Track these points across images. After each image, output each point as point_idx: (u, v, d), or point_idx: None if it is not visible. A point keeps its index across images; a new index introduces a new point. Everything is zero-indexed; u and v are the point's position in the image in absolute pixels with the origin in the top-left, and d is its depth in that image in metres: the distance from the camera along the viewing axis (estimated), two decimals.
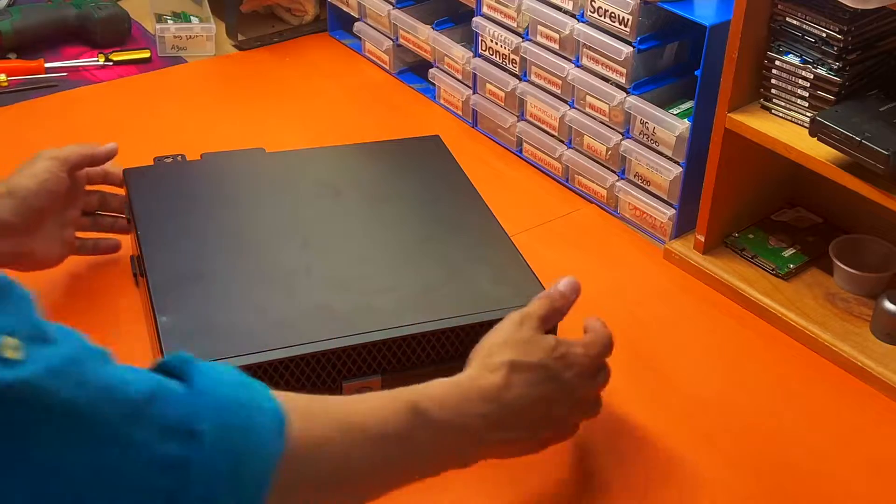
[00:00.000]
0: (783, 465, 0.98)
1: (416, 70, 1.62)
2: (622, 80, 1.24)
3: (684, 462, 0.98)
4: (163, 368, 0.65)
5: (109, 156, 1.12)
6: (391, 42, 1.59)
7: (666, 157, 1.23)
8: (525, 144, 1.42)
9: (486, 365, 0.84)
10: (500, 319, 0.89)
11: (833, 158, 1.04)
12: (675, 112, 1.22)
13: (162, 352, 0.91)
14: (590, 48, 1.26)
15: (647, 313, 1.17)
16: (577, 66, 1.29)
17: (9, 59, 1.60)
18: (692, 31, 1.17)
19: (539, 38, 1.33)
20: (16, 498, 0.54)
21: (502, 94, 1.42)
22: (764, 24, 1.09)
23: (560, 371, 0.86)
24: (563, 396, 0.86)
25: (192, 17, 1.67)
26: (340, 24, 1.74)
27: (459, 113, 1.51)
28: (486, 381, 0.82)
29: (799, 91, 1.09)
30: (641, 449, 0.98)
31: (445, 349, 0.98)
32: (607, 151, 1.29)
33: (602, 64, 1.25)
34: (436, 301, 0.99)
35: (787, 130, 1.09)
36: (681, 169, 1.21)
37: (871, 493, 0.96)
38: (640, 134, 1.24)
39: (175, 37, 1.64)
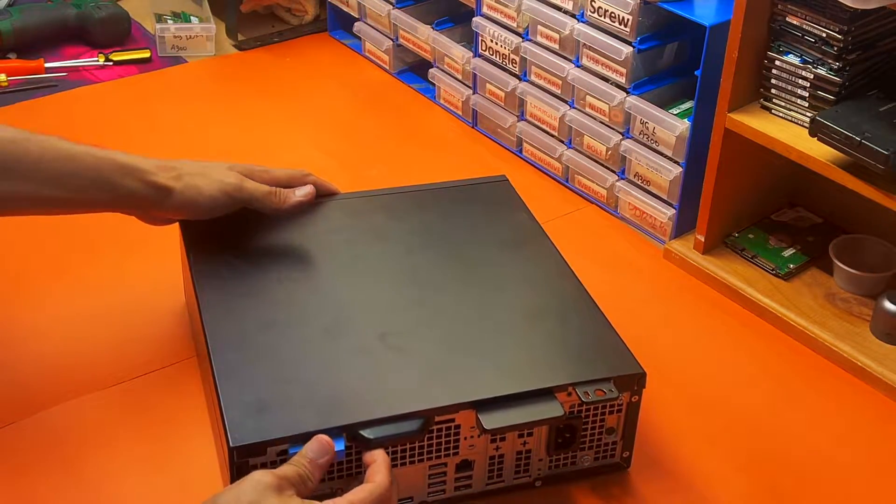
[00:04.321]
0: (783, 465, 0.98)
1: (416, 70, 1.62)
2: (622, 80, 1.24)
3: (684, 462, 0.98)
4: None
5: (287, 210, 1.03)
6: (391, 42, 1.59)
7: (666, 157, 1.23)
8: (525, 144, 1.42)
9: None
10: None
11: (833, 158, 1.04)
12: (675, 112, 1.22)
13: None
14: (590, 48, 1.26)
15: (647, 313, 1.17)
16: (577, 66, 1.29)
17: (9, 59, 1.60)
18: (692, 31, 1.17)
19: (539, 38, 1.33)
20: None
21: (502, 94, 1.42)
22: (764, 24, 1.09)
23: None
24: None
25: (192, 17, 1.67)
26: (340, 24, 1.74)
27: (459, 113, 1.51)
28: None
29: (799, 91, 1.09)
30: (640, 449, 0.98)
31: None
32: (607, 151, 1.29)
33: (602, 64, 1.26)
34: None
35: (787, 130, 1.09)
36: (681, 169, 1.21)
37: (871, 492, 0.96)
38: (640, 134, 1.24)
39: (175, 37, 1.64)
